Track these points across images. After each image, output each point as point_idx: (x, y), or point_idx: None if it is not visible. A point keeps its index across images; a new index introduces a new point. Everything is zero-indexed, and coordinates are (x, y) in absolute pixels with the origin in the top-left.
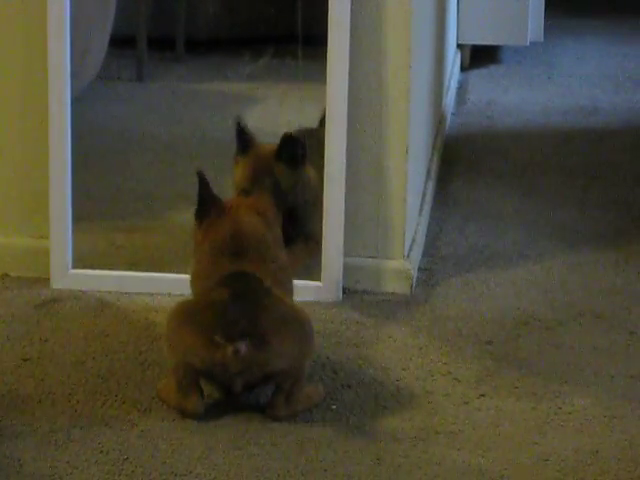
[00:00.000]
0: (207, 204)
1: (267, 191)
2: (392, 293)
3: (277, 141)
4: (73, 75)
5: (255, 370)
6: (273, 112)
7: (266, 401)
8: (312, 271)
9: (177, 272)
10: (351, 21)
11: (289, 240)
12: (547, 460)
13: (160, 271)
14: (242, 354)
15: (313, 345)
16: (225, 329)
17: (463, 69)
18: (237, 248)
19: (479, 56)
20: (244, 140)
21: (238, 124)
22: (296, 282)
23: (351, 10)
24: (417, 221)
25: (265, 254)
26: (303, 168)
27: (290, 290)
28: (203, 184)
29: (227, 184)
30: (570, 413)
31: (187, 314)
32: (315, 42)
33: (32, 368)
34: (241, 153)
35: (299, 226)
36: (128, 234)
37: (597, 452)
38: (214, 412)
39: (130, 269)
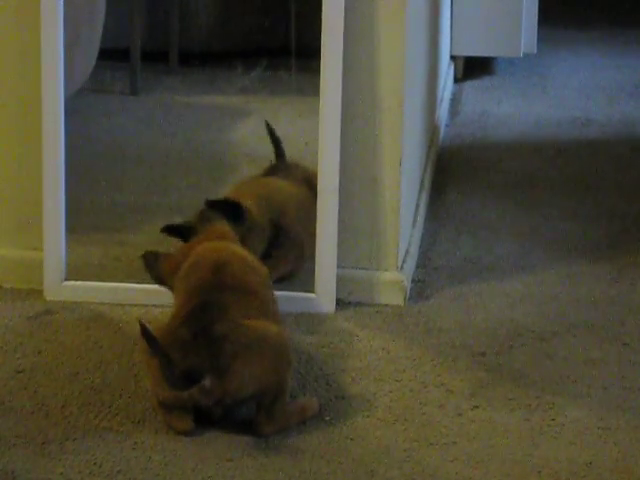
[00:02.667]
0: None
1: (210, 219)
2: (385, 305)
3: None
4: None
5: (227, 399)
6: None
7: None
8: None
9: None
10: (345, 33)
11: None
12: (540, 472)
13: (154, 283)
14: (207, 390)
15: (288, 361)
16: (187, 371)
17: (456, 81)
18: (219, 283)
19: (472, 68)
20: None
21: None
22: (290, 294)
23: (345, 22)
24: (410, 233)
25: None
26: (246, 221)
27: (271, 312)
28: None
29: (221, 195)
30: (564, 425)
31: (152, 354)
32: (308, 55)
33: (25, 380)
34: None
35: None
36: (122, 246)
37: (591, 463)
38: (207, 424)
39: (124, 281)
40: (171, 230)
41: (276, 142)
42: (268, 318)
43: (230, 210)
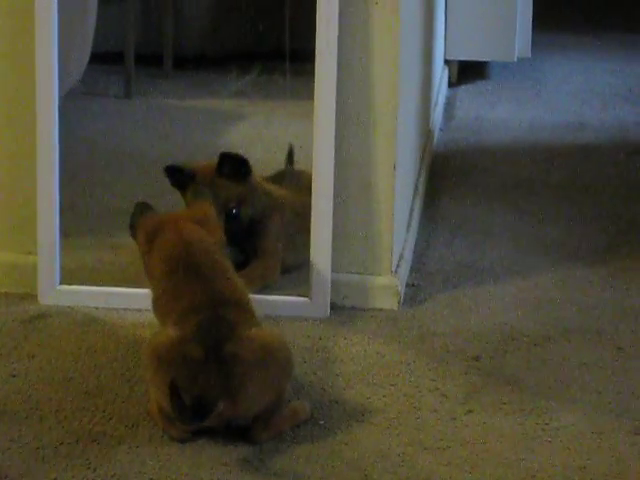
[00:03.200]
0: (141, 217)
1: (204, 198)
2: (380, 309)
3: (264, 156)
4: None
5: (236, 420)
6: (260, 129)
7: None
8: (273, 287)
9: None
10: (339, 38)
11: (246, 256)
12: (534, 476)
13: (148, 287)
14: (220, 414)
15: (290, 370)
16: (198, 397)
17: (451, 85)
18: (190, 264)
19: (467, 72)
20: (181, 176)
21: (167, 169)
22: (284, 298)
23: (339, 26)
24: (405, 237)
25: (217, 264)
26: (249, 183)
27: (250, 303)
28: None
29: None
30: (558, 429)
31: (163, 364)
32: (303, 59)
33: (19, 384)
34: (183, 189)
35: (254, 241)
36: (116, 250)
37: (584, 468)
38: (202, 429)
39: (118, 285)
40: (172, 172)
41: (290, 153)
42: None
43: (237, 165)
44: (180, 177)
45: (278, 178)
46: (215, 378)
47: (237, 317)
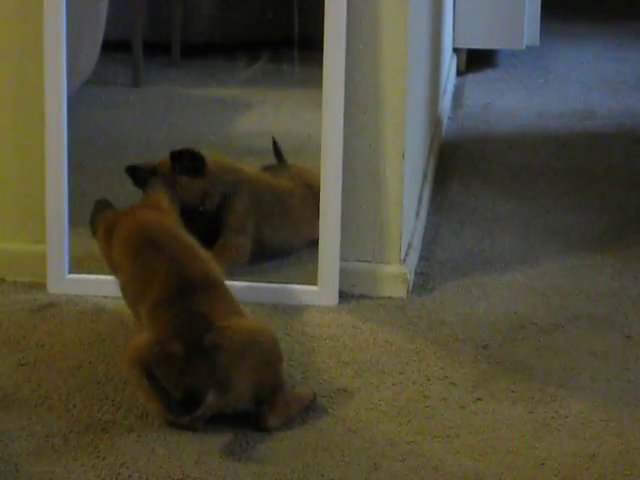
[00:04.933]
0: (100, 214)
1: (156, 188)
2: (389, 297)
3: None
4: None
5: (227, 409)
6: (269, 117)
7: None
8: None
9: None
10: (347, 25)
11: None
12: (544, 464)
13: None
14: (210, 405)
15: (279, 354)
16: (187, 392)
17: (459, 73)
18: (150, 240)
19: (475, 60)
20: (142, 175)
21: (127, 169)
22: (293, 286)
23: (347, 14)
24: (414, 225)
25: (179, 240)
26: (208, 175)
27: (221, 279)
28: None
29: None
30: (567, 417)
31: (145, 367)
32: (311, 47)
33: (29, 373)
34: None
35: (221, 218)
36: None
37: (594, 456)
38: (210, 417)
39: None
40: (133, 172)
41: (277, 152)
42: (234, 304)
43: (191, 160)
44: (141, 176)
45: (265, 169)
46: (200, 370)
47: (210, 304)
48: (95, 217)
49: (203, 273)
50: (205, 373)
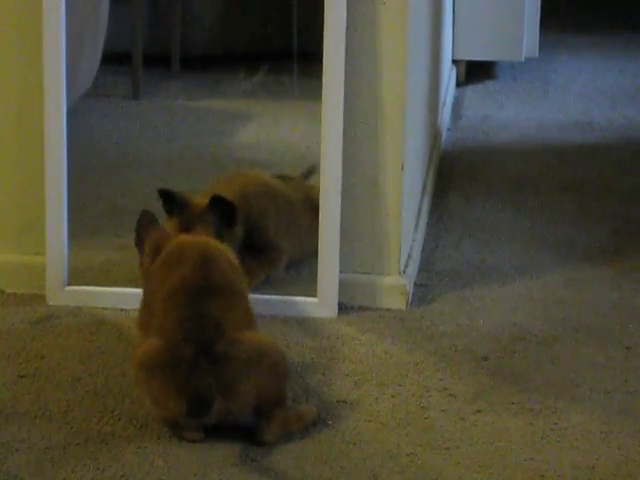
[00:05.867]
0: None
1: (208, 230)
2: (388, 309)
3: (271, 156)
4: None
5: (230, 417)
6: (268, 129)
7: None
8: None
9: None
10: (347, 38)
11: None
12: (543, 476)
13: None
14: (215, 412)
15: (285, 371)
16: (194, 395)
17: (459, 85)
18: (208, 284)
19: (474, 72)
20: (172, 202)
21: (160, 191)
22: (292, 298)
23: (347, 27)
24: (413, 237)
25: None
26: (233, 233)
27: (253, 319)
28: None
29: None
30: (566, 429)
31: (154, 371)
32: (310, 59)
33: (28, 385)
34: (171, 214)
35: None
36: (124, 251)
37: (593, 468)
38: (210, 429)
39: (126, 285)
40: (166, 196)
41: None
42: (253, 321)
43: (228, 212)
44: (172, 203)
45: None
46: (207, 376)
47: (227, 310)
48: (142, 231)
49: (225, 278)
50: (212, 379)
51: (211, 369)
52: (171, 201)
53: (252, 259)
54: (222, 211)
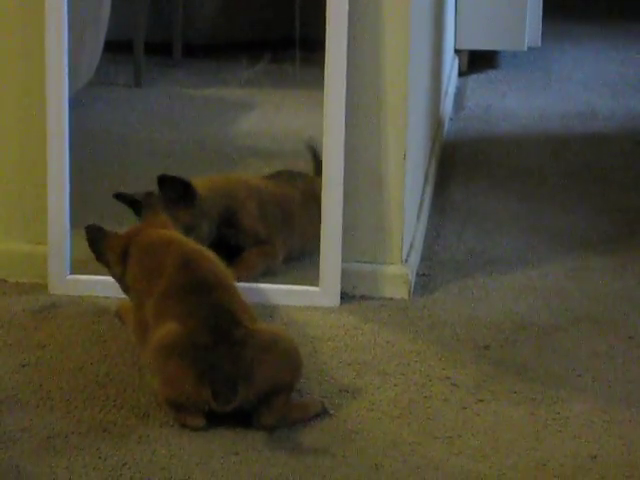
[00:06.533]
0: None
1: (153, 209)
2: (390, 298)
3: (273, 145)
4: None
5: (246, 403)
6: (270, 118)
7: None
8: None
9: None
10: (349, 27)
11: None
12: (545, 465)
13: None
14: (233, 399)
15: (300, 361)
16: (214, 381)
17: (461, 74)
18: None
19: (477, 61)
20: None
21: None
22: (294, 287)
23: (349, 15)
24: (415, 226)
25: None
26: (196, 207)
27: (252, 310)
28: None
29: None
30: (568, 418)
31: (173, 355)
32: (313, 47)
33: (30, 374)
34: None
35: (234, 235)
36: None
37: (595, 457)
38: (212, 418)
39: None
40: (122, 198)
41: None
42: (253, 312)
43: (180, 189)
44: (131, 201)
45: (268, 177)
46: (227, 362)
47: (229, 302)
48: (96, 246)
49: (214, 273)
50: (231, 365)
51: (230, 355)
52: (128, 200)
53: (248, 253)
54: (174, 189)
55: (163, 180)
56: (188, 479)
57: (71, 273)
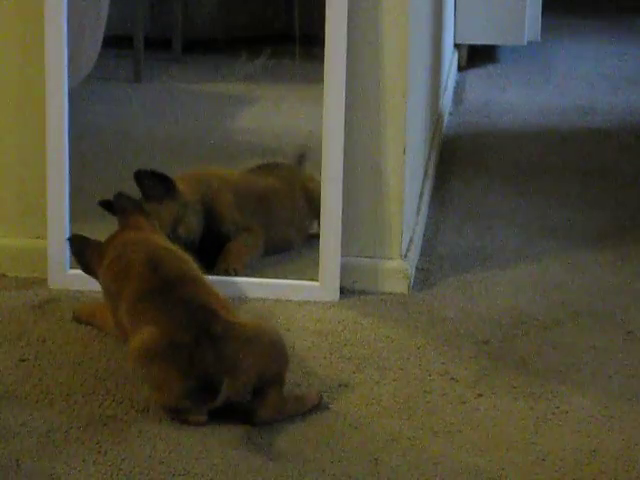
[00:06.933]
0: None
1: (125, 210)
2: (389, 293)
3: (273, 140)
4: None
5: (234, 396)
6: (270, 113)
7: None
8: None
9: None
10: (348, 21)
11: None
12: (545, 460)
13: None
14: (220, 394)
15: (285, 352)
16: (203, 379)
17: (460, 69)
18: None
19: (476, 56)
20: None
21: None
22: (294, 282)
23: (348, 10)
24: (415, 221)
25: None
26: (178, 199)
27: (230, 304)
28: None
29: None
30: (568, 413)
31: (155, 358)
32: (312, 42)
33: (30, 368)
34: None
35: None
36: None
37: (595, 452)
38: (211, 412)
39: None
40: (105, 205)
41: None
42: (231, 306)
43: (157, 183)
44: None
45: (253, 170)
46: (209, 359)
47: (206, 297)
48: (81, 257)
49: (182, 270)
50: (215, 361)
51: (213, 350)
52: (108, 208)
53: (233, 244)
54: (152, 183)
55: (140, 175)
56: (187, 474)
57: (71, 268)
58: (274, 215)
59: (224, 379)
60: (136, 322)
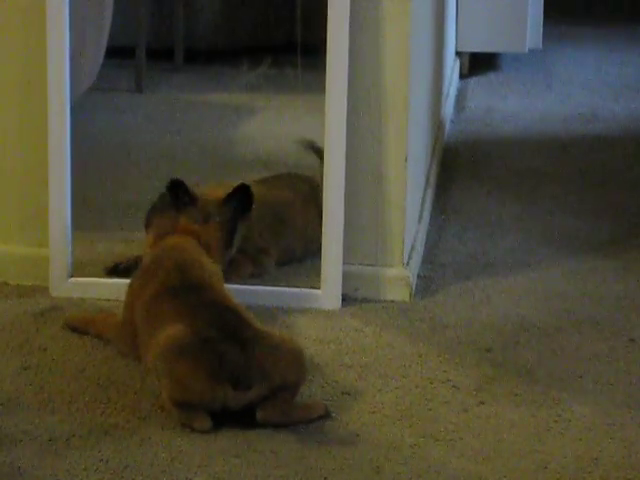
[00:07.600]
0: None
1: (216, 223)
2: (391, 301)
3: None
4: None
5: (256, 399)
6: (272, 122)
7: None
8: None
9: None
10: (350, 30)
11: None
12: (547, 467)
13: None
14: (246, 396)
15: (305, 365)
16: (228, 377)
17: (462, 76)
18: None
19: (478, 63)
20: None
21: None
22: (295, 290)
23: (350, 19)
24: (416, 229)
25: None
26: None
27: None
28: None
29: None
30: (570, 420)
31: (183, 353)
32: (314, 52)
33: (32, 376)
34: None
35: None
36: (127, 243)
37: (597, 459)
38: (214, 420)
39: (129, 277)
40: (178, 188)
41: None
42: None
43: (245, 199)
44: (183, 195)
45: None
46: (240, 359)
47: (234, 303)
48: (151, 215)
49: (203, 279)
50: (245, 364)
51: (243, 353)
52: (182, 194)
53: (239, 257)
54: (242, 198)
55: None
56: None
57: (72, 276)
58: (289, 229)
59: (253, 383)
60: (152, 318)
